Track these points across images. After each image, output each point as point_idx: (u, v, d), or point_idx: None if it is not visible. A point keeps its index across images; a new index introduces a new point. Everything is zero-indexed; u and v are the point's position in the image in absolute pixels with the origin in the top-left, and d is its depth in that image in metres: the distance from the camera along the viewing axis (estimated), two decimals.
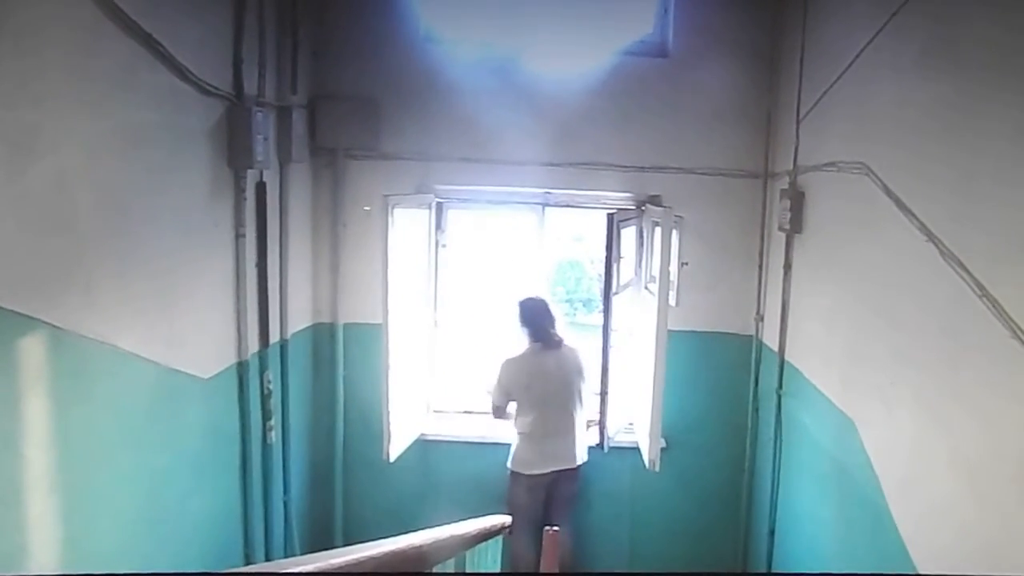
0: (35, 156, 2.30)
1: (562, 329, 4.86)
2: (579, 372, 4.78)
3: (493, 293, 5.48)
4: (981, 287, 2.42)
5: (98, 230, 2.66)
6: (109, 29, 2.68)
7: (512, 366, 4.73)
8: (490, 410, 4.87)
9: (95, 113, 2.63)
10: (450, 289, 5.35)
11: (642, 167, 4.99)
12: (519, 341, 4.81)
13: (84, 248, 2.58)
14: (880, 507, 3.09)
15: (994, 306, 2.34)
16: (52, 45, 2.38)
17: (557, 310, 4.91)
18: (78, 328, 2.52)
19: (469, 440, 5.20)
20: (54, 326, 2.39)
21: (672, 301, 4.69)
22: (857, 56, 3.56)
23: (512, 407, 4.80)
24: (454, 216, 5.31)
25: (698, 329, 5.10)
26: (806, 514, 4.18)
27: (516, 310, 4.81)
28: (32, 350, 2.32)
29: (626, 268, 5.08)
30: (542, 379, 4.68)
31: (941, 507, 2.66)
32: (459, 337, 5.53)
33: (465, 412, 5.40)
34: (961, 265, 2.55)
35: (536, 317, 4.76)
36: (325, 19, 4.84)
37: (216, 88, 3.50)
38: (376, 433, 4.42)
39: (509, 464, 4.75)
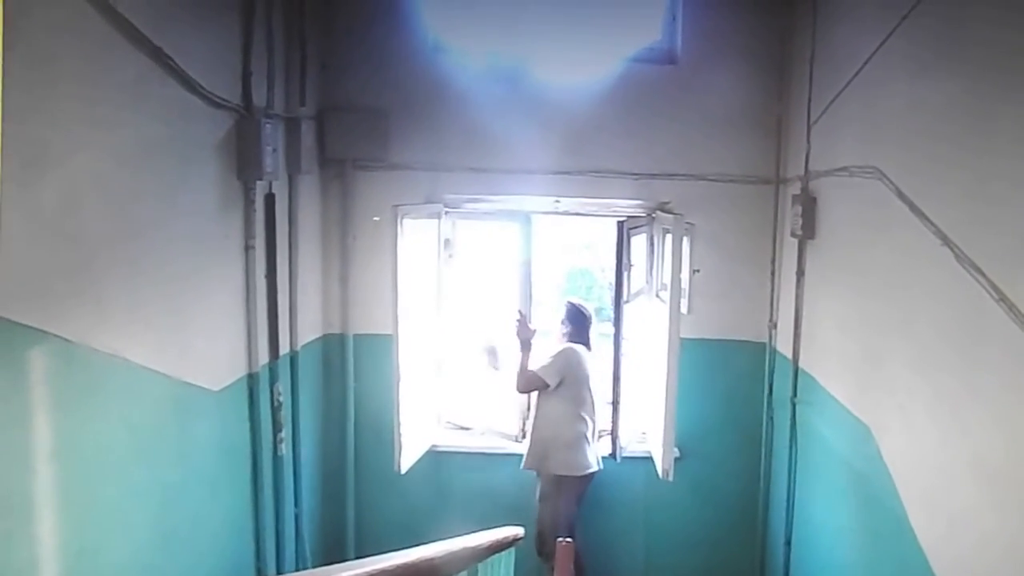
0: (45, 170, 2.29)
1: (594, 338, 5.05)
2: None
3: (500, 302, 5.46)
4: (998, 290, 2.38)
5: (108, 243, 2.65)
6: (119, 43, 2.68)
7: (574, 355, 4.82)
8: (521, 383, 4.79)
9: (105, 126, 2.62)
10: (459, 299, 5.33)
11: (652, 174, 4.97)
12: (558, 338, 4.98)
13: (94, 261, 2.57)
14: (899, 515, 3.04)
15: (1011, 310, 2.30)
16: (62, 59, 2.37)
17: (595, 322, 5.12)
18: (88, 341, 2.51)
19: (481, 451, 5.18)
20: (65, 339, 2.38)
21: (684, 309, 4.67)
22: (868, 60, 3.53)
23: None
24: (463, 226, 5.31)
25: (711, 337, 5.06)
26: (823, 523, 4.13)
27: (563, 309, 5.02)
28: (43, 363, 2.30)
29: (637, 276, 5.06)
30: (588, 375, 4.83)
31: (962, 515, 2.61)
32: (468, 347, 5.51)
33: (464, 428, 5.38)
34: (977, 269, 2.51)
35: (581, 319, 4.96)
36: (333, 31, 4.84)
37: (225, 100, 3.50)
38: (387, 444, 4.40)
39: (562, 471, 4.70)
